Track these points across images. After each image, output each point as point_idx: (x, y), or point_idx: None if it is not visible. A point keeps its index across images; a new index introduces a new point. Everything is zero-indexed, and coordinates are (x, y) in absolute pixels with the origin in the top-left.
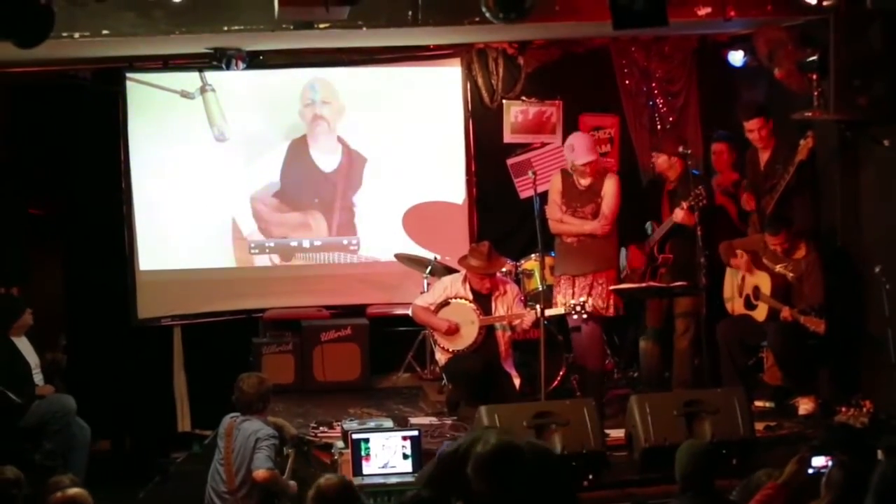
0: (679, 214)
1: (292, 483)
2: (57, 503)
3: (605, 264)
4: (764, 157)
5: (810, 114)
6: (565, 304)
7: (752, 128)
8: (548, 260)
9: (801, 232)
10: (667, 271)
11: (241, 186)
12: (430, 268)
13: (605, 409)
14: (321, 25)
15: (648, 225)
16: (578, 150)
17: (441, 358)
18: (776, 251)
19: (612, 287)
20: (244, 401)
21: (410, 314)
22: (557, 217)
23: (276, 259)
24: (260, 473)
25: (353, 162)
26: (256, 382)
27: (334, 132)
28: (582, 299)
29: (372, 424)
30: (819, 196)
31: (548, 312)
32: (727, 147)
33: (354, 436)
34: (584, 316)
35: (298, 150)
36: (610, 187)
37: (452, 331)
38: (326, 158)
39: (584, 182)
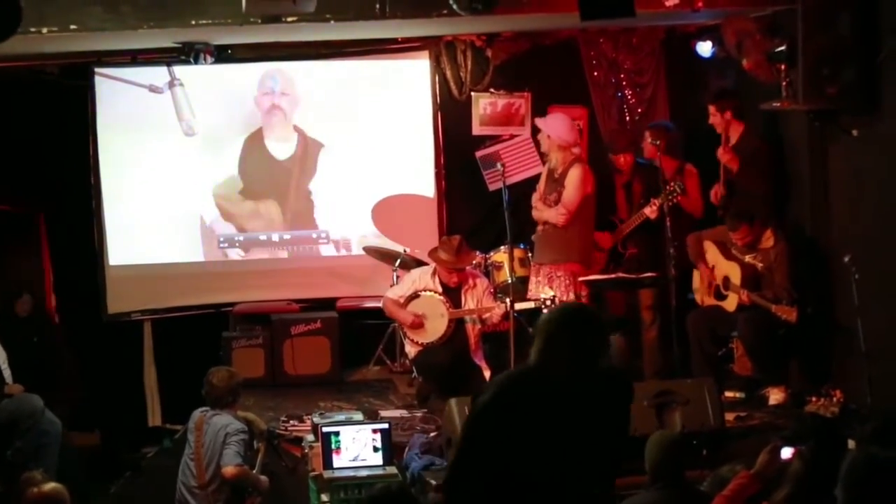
0: (653, 211)
1: (263, 478)
2: (33, 499)
3: (564, 256)
4: (732, 141)
5: (779, 104)
6: (535, 299)
7: (709, 112)
8: (517, 252)
9: (766, 221)
10: (632, 266)
11: (206, 180)
12: (399, 261)
13: None
14: (289, 19)
15: None
16: (558, 126)
17: (411, 351)
18: (742, 245)
19: (581, 278)
20: (214, 395)
21: (382, 306)
22: (532, 203)
23: (246, 253)
24: (229, 470)
25: (308, 150)
26: (226, 376)
27: (290, 122)
28: (552, 293)
29: (342, 417)
30: (785, 184)
31: (518, 306)
32: (650, 134)
33: (325, 429)
34: None
35: (254, 142)
36: (572, 177)
37: (417, 325)
38: (281, 147)
39: (559, 169)
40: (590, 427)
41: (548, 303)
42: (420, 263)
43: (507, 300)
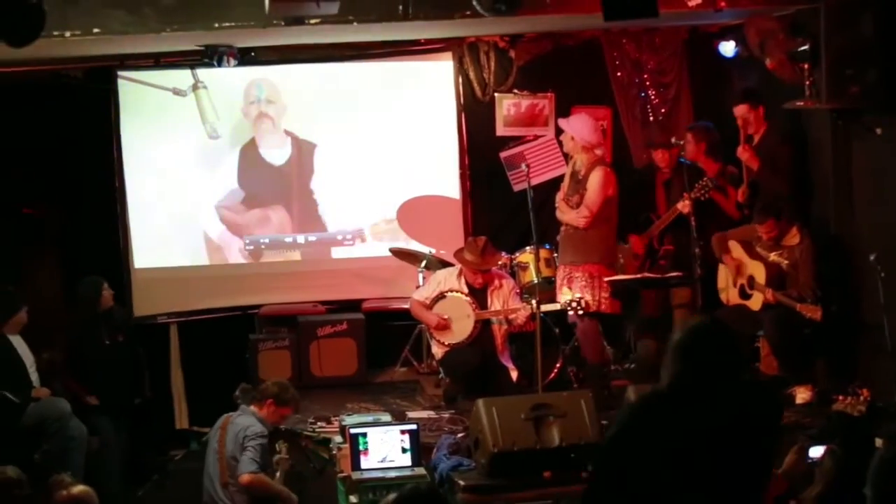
0: (686, 206)
1: (294, 497)
2: (62, 501)
3: (582, 258)
4: (755, 141)
5: (802, 103)
6: (561, 302)
7: (738, 114)
8: (542, 252)
9: (791, 219)
10: (667, 263)
11: (210, 191)
12: (425, 262)
13: (612, 401)
14: (312, 21)
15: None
16: (581, 128)
17: (438, 352)
18: (767, 239)
19: (606, 278)
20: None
21: (409, 309)
22: (556, 203)
23: (271, 255)
24: (244, 478)
25: (301, 151)
26: (271, 380)
27: (280, 128)
28: (578, 295)
29: (370, 419)
30: (808, 183)
31: (543, 308)
32: (691, 136)
33: (352, 430)
34: (580, 312)
35: (249, 153)
36: (594, 180)
37: (442, 326)
38: (276, 153)
39: (582, 171)
40: (737, 450)
41: (573, 305)
42: (445, 264)
43: (533, 301)
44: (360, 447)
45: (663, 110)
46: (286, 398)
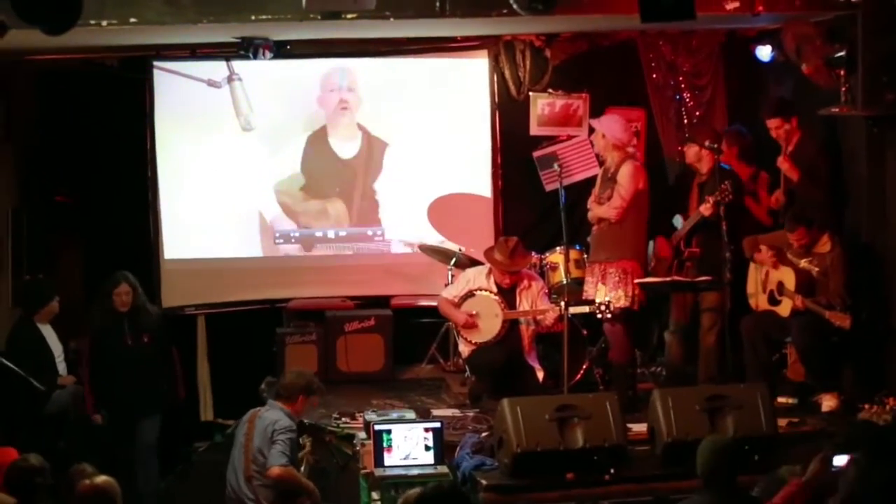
0: (707, 209)
1: (318, 492)
2: (84, 491)
3: (617, 254)
4: (789, 151)
5: (837, 110)
6: (590, 304)
7: (771, 126)
8: (573, 253)
9: (823, 227)
10: (693, 265)
11: (265, 176)
12: (454, 259)
13: (637, 404)
14: (349, 16)
15: (677, 218)
16: (612, 126)
17: (465, 350)
18: (798, 247)
19: (636, 280)
20: (278, 385)
21: (437, 306)
22: (588, 206)
23: (301, 249)
24: (274, 471)
25: (372, 148)
26: (292, 374)
27: (355, 120)
28: (608, 298)
29: (394, 416)
30: (842, 190)
31: (572, 310)
32: (724, 140)
33: (377, 427)
34: (609, 315)
35: (318, 140)
36: (624, 171)
37: (469, 325)
38: (346, 146)
39: (612, 168)
40: None
41: (602, 308)
42: (475, 263)
43: (562, 302)
44: (384, 444)
45: (698, 113)
46: (314, 388)
